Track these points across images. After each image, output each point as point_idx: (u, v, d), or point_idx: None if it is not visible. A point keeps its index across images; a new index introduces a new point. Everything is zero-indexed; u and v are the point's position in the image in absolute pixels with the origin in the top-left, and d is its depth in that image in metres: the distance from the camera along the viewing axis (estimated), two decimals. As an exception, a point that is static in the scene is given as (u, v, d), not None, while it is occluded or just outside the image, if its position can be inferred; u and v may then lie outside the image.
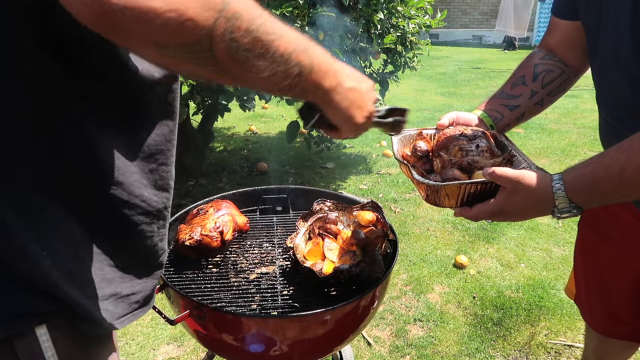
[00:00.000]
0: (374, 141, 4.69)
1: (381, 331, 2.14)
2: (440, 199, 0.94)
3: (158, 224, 0.79)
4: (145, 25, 0.47)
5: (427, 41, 3.78)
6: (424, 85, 7.48)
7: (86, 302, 0.68)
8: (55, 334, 0.67)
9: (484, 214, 0.91)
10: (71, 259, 0.67)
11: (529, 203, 0.87)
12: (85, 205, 0.67)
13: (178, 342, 2.06)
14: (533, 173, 0.87)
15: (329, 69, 0.65)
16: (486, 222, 3.07)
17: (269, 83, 0.58)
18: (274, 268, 1.29)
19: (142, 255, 0.77)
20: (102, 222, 0.69)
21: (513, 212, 0.90)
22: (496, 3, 12.55)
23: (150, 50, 0.51)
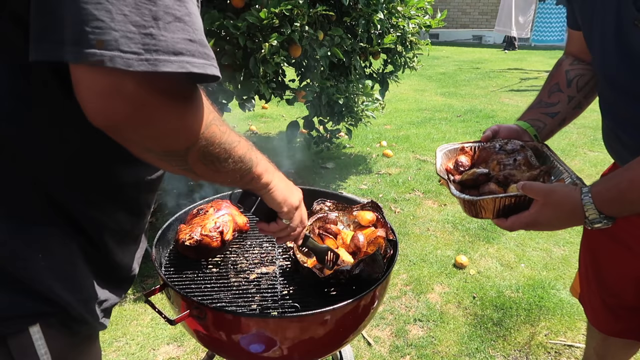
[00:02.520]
0: (374, 141, 4.69)
1: (381, 331, 2.14)
2: (477, 211, 0.99)
3: (129, 243, 0.83)
4: (145, 139, 0.58)
5: (427, 41, 3.78)
6: (424, 85, 7.48)
7: (78, 303, 0.71)
8: (48, 333, 0.69)
9: (518, 224, 0.95)
10: (64, 262, 0.69)
11: (561, 215, 0.91)
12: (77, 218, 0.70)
13: (178, 342, 2.06)
14: (563, 187, 0.92)
15: (265, 163, 0.83)
16: (486, 224, 3.07)
17: (226, 178, 0.74)
18: (274, 268, 1.29)
19: (115, 267, 0.80)
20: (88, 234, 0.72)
21: (546, 223, 0.93)
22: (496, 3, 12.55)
23: (139, 151, 0.61)
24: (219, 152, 0.67)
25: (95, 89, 0.52)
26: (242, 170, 0.75)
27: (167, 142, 0.60)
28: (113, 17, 0.50)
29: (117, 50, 0.50)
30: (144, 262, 2.40)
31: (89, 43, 0.49)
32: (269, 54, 2.50)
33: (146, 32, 0.51)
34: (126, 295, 2.32)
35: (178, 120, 0.58)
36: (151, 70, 0.51)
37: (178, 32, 0.53)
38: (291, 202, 0.91)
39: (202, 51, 0.56)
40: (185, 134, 0.60)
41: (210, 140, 0.64)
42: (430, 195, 3.53)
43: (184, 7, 0.54)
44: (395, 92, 6.53)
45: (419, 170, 3.97)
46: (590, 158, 4.26)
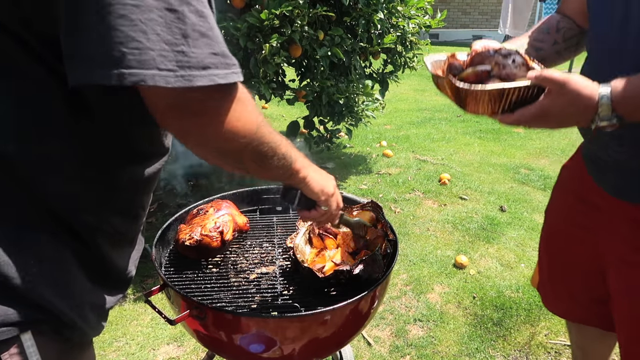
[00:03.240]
0: (374, 141, 4.69)
1: (381, 331, 2.14)
2: (482, 105, 0.94)
3: (124, 246, 0.84)
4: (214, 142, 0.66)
5: (427, 41, 3.78)
6: (424, 85, 7.48)
7: (70, 310, 0.71)
8: (40, 340, 0.68)
9: (525, 117, 0.91)
10: (57, 269, 0.69)
11: (572, 107, 0.87)
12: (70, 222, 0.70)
13: (178, 342, 2.06)
14: (580, 77, 0.87)
15: (301, 157, 0.89)
16: (486, 224, 3.07)
17: (272, 174, 0.82)
18: (274, 268, 1.29)
19: (110, 270, 0.81)
20: (78, 237, 0.72)
21: (555, 116, 0.89)
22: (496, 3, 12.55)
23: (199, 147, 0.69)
24: (267, 151, 0.73)
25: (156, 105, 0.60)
26: (285, 167, 0.82)
27: (228, 142, 0.66)
28: (148, 37, 0.53)
29: (156, 69, 0.54)
30: (144, 262, 2.41)
31: (128, 64, 0.52)
32: (269, 55, 2.51)
33: (178, 50, 0.55)
34: (126, 295, 2.32)
35: (232, 123, 0.64)
36: (187, 85, 0.56)
37: (205, 47, 0.58)
38: (327, 190, 0.97)
39: (224, 62, 0.60)
40: (242, 133, 0.67)
41: (261, 139, 0.71)
42: (430, 195, 3.53)
43: (207, 23, 0.58)
44: (395, 92, 6.53)
45: (419, 170, 3.97)
46: (590, 158, 4.26)
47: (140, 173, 0.78)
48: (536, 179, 3.81)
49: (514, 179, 3.82)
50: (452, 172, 3.92)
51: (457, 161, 4.20)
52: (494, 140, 4.78)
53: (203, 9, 0.58)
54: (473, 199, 3.46)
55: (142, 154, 0.77)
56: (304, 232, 1.33)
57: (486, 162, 4.19)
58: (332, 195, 0.99)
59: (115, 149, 0.71)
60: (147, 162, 0.79)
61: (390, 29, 3.26)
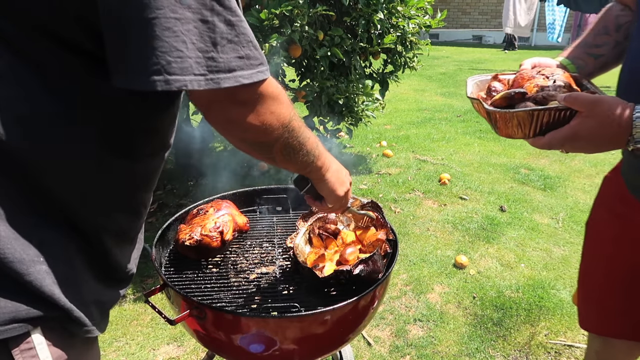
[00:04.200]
0: (374, 141, 4.69)
1: (381, 331, 2.14)
2: (512, 128, 0.92)
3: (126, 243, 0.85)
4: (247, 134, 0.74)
5: (427, 41, 3.78)
6: (424, 85, 7.48)
7: (78, 306, 0.72)
8: (50, 337, 0.69)
9: (556, 140, 0.88)
10: (64, 265, 0.70)
11: (604, 130, 0.83)
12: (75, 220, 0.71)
13: (178, 342, 2.06)
14: (612, 98, 0.83)
15: (326, 156, 0.96)
16: (486, 224, 3.07)
17: (295, 167, 0.90)
18: (274, 268, 1.29)
19: (111, 267, 0.82)
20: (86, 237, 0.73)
21: (586, 139, 0.86)
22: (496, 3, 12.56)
23: (234, 139, 0.77)
24: (295, 145, 0.81)
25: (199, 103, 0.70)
26: (308, 162, 0.89)
27: (260, 134, 0.74)
28: (187, 47, 0.61)
29: (192, 75, 0.62)
30: (144, 262, 2.41)
31: (173, 72, 0.60)
32: (269, 55, 2.51)
33: (209, 57, 0.63)
34: (126, 295, 2.32)
35: (270, 116, 0.73)
36: (215, 87, 0.64)
37: (231, 53, 0.65)
38: (337, 193, 1.03)
39: (249, 63, 0.67)
40: (277, 126, 0.74)
41: (292, 132, 0.78)
42: (430, 195, 3.53)
43: (234, 30, 0.65)
44: (395, 92, 6.53)
45: (419, 170, 3.97)
46: (590, 158, 4.26)
47: (143, 170, 0.79)
48: (536, 179, 3.81)
49: (514, 179, 3.82)
50: (452, 172, 3.92)
51: (457, 161, 4.20)
52: (494, 140, 4.78)
53: (232, 17, 0.65)
54: (473, 199, 3.46)
55: (145, 150, 0.78)
56: (304, 232, 1.33)
57: (486, 162, 4.19)
58: (340, 198, 1.05)
59: (120, 146, 0.72)
60: (150, 159, 0.79)
61: (390, 29, 3.26)
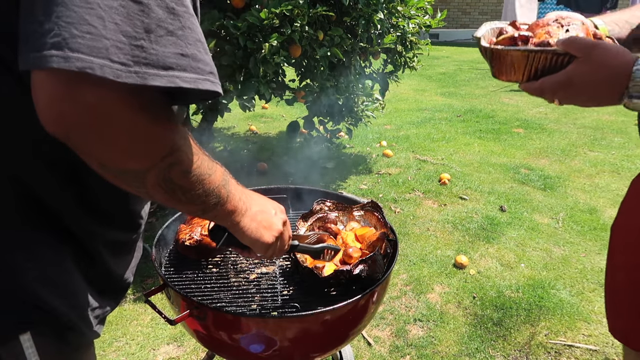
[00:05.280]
0: (374, 141, 4.69)
1: (381, 331, 2.14)
2: (506, 68, 0.86)
3: (123, 254, 0.83)
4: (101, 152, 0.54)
5: (427, 41, 3.78)
6: (424, 85, 7.48)
7: (70, 311, 0.70)
8: (39, 341, 0.68)
9: (549, 84, 0.83)
10: (56, 270, 0.68)
11: (599, 76, 0.77)
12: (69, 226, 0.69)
13: (178, 342, 2.06)
14: (613, 44, 0.78)
15: (240, 198, 0.77)
16: (486, 224, 3.07)
17: (188, 208, 0.69)
18: (274, 268, 1.29)
19: (108, 277, 0.80)
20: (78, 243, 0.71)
21: (579, 86, 0.80)
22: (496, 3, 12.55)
23: (93, 164, 0.57)
24: (183, 182, 0.63)
25: (64, 94, 0.49)
26: (207, 205, 0.70)
27: (122, 159, 0.56)
28: (105, 25, 0.48)
29: (107, 59, 0.48)
30: (144, 262, 2.41)
31: (77, 48, 0.47)
32: (269, 54, 2.51)
33: (136, 44, 0.50)
34: (126, 295, 2.32)
35: (141, 139, 0.55)
36: (140, 83, 0.50)
37: (170, 47, 0.52)
38: (264, 241, 0.85)
39: (195, 65, 0.54)
40: (145, 154, 0.57)
41: (174, 166, 0.60)
42: (430, 195, 3.53)
43: (177, 21, 0.53)
44: (395, 92, 6.53)
45: (419, 170, 3.97)
46: (590, 158, 4.26)
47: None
48: (536, 179, 3.81)
49: (514, 179, 3.82)
50: (452, 172, 3.92)
51: (457, 161, 4.20)
52: (494, 140, 4.78)
53: (176, 5, 0.53)
54: (473, 199, 3.46)
55: None
56: (304, 232, 1.33)
57: (486, 162, 4.19)
58: (270, 245, 0.87)
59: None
60: None
61: (390, 29, 3.26)
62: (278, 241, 0.89)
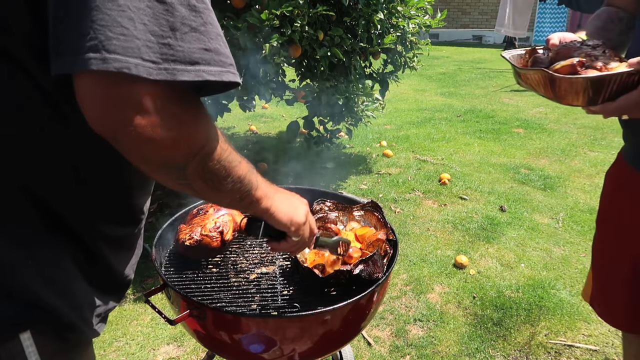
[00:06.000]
0: (374, 141, 4.69)
1: (381, 331, 2.14)
2: (578, 95, 0.91)
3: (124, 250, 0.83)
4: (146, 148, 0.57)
5: (427, 41, 3.78)
6: (424, 85, 7.48)
7: (69, 310, 0.71)
8: (39, 340, 0.68)
9: (629, 102, 0.88)
10: (55, 269, 0.68)
11: None
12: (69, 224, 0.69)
13: (178, 342, 2.06)
14: None
15: (266, 185, 0.81)
16: (486, 224, 3.07)
17: (225, 197, 0.73)
18: (274, 268, 1.29)
19: (109, 274, 0.80)
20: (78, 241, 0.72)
21: None
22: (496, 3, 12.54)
23: (138, 160, 0.60)
24: (218, 169, 0.66)
25: (107, 94, 0.52)
26: (242, 192, 0.73)
27: (166, 152, 0.58)
28: (135, 26, 0.51)
29: (140, 58, 0.51)
30: (144, 262, 2.41)
31: (114, 50, 0.50)
32: (269, 55, 2.51)
33: (164, 42, 0.53)
34: (126, 295, 2.32)
35: (180, 131, 0.58)
36: (170, 79, 0.53)
37: (194, 42, 0.55)
38: (297, 220, 0.89)
39: (218, 59, 0.58)
40: (186, 145, 0.60)
41: (210, 155, 0.64)
42: (430, 195, 3.53)
43: (199, 18, 0.56)
44: (395, 92, 6.53)
45: (419, 170, 3.97)
46: (590, 158, 4.26)
47: (138, 174, 0.77)
48: (536, 179, 3.81)
49: (514, 179, 3.82)
50: (452, 172, 3.92)
51: (457, 161, 4.20)
52: (494, 140, 4.78)
53: (197, 3, 0.56)
54: (473, 199, 3.46)
55: None
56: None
57: (486, 162, 4.19)
58: (303, 224, 0.91)
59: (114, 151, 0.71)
60: None
61: (390, 29, 3.26)
62: (308, 222, 0.93)
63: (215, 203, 0.72)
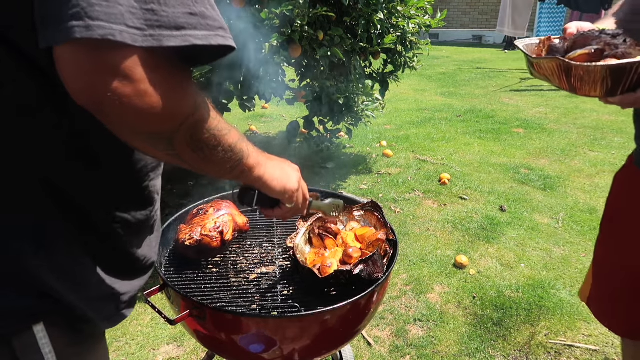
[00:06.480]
0: (374, 141, 4.69)
1: (381, 331, 2.14)
2: (596, 85, 0.86)
3: (144, 233, 0.82)
4: (132, 118, 0.55)
5: (427, 41, 3.78)
6: (424, 85, 7.48)
7: (83, 302, 0.70)
8: (53, 332, 0.68)
9: None
10: (69, 260, 0.68)
11: None
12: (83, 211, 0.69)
13: (178, 342, 2.06)
14: None
15: (257, 153, 0.78)
16: (486, 224, 3.07)
17: (215, 167, 0.70)
18: (274, 268, 1.29)
19: (130, 259, 0.79)
20: (94, 229, 0.71)
21: None
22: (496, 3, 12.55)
23: (124, 132, 0.58)
24: (208, 138, 0.64)
25: (91, 63, 0.50)
26: (233, 161, 0.71)
27: (153, 121, 0.57)
28: None
29: (124, 25, 0.49)
30: (144, 262, 2.40)
31: (97, 16, 0.48)
32: (269, 54, 2.51)
33: (147, 8, 0.52)
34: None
35: (167, 98, 0.56)
36: (156, 45, 0.52)
37: (179, 7, 0.54)
38: (290, 187, 0.88)
39: (205, 23, 0.56)
40: (173, 113, 0.58)
41: (199, 123, 0.62)
42: (430, 195, 3.53)
43: None
44: (395, 92, 6.53)
45: (419, 170, 3.97)
46: (590, 158, 4.26)
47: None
48: (536, 179, 3.81)
49: (514, 179, 3.82)
50: (452, 172, 3.92)
51: (457, 161, 4.20)
52: (494, 140, 4.78)
53: None
54: (473, 199, 3.46)
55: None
56: (304, 232, 1.33)
57: (486, 162, 4.19)
58: (296, 190, 0.90)
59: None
60: None
61: (390, 29, 3.26)
62: (300, 188, 0.92)
63: (206, 173, 0.71)
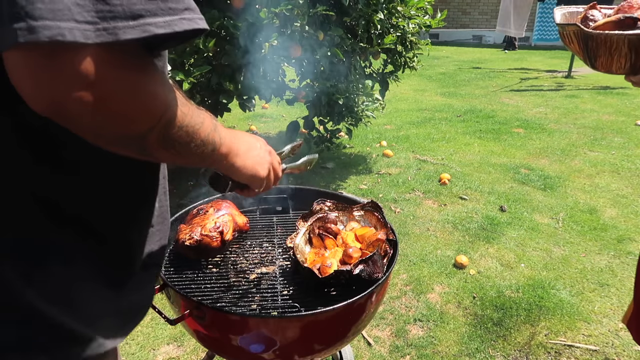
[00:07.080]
0: (374, 141, 4.69)
1: (381, 331, 2.14)
2: (619, 58, 0.79)
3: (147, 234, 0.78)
4: (97, 122, 0.49)
5: (427, 41, 3.78)
6: (424, 85, 7.48)
7: (82, 327, 0.66)
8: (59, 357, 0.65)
9: None
10: (67, 282, 0.63)
11: None
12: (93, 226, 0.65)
13: (178, 342, 2.06)
14: None
15: (229, 139, 0.74)
16: (486, 224, 3.07)
17: (187, 161, 0.66)
18: (274, 268, 1.29)
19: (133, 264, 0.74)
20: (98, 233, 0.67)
21: None
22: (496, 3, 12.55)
23: (89, 136, 0.52)
24: (181, 136, 0.59)
25: (41, 69, 0.44)
26: (205, 154, 0.67)
27: (121, 125, 0.51)
28: None
29: (72, 21, 0.43)
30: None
31: (39, 15, 0.41)
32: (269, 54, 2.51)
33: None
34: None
35: (134, 99, 0.50)
36: (112, 40, 0.45)
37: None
38: (260, 175, 0.86)
39: (165, 7, 0.49)
40: (143, 114, 0.52)
41: (171, 123, 0.56)
42: (430, 195, 3.53)
43: None
44: (395, 92, 6.53)
45: (419, 170, 3.97)
46: (590, 158, 4.26)
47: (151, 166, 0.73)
48: (536, 179, 3.81)
49: (514, 179, 3.82)
50: (452, 172, 3.92)
51: (457, 161, 4.20)
52: (494, 140, 4.78)
53: None
54: (473, 199, 3.46)
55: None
56: (304, 232, 1.33)
57: (486, 162, 4.19)
58: (265, 177, 0.88)
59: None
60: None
61: (390, 29, 3.26)
62: (270, 172, 0.91)
63: (178, 165, 0.67)
